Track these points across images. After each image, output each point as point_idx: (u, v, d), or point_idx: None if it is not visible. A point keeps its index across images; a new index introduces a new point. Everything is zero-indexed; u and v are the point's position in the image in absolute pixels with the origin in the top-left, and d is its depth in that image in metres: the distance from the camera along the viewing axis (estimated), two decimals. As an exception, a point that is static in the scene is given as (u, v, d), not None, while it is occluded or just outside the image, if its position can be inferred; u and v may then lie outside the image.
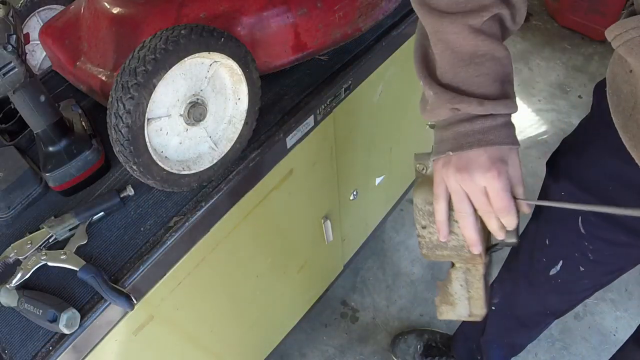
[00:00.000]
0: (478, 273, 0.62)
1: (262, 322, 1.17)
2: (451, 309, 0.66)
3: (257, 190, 0.80)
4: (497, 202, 0.53)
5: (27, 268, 0.64)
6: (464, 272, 0.63)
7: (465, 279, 0.63)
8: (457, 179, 0.53)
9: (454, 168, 0.53)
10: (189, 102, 0.63)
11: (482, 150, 0.52)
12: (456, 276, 0.63)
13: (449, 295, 0.65)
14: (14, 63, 0.58)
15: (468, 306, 0.65)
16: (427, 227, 0.59)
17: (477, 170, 0.52)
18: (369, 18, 0.84)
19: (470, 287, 0.63)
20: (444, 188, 0.56)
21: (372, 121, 1.07)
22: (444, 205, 0.56)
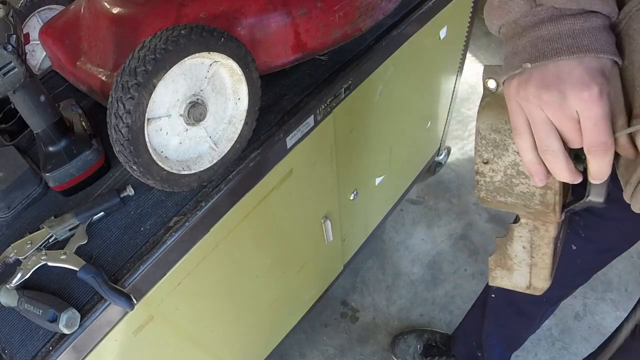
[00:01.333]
0: (548, 235, 0.50)
1: (262, 322, 1.17)
2: (507, 274, 0.54)
3: (257, 190, 0.80)
4: (592, 134, 0.39)
5: (27, 268, 0.64)
6: (530, 230, 0.50)
7: (531, 239, 0.50)
8: (541, 102, 0.40)
9: (535, 86, 0.40)
10: (189, 102, 0.63)
11: (576, 60, 0.38)
12: (519, 234, 0.51)
13: (507, 258, 0.52)
14: (14, 63, 0.58)
15: (528, 275, 0.53)
16: (490, 163, 0.46)
17: (570, 88, 0.38)
18: (369, 18, 0.84)
19: (536, 252, 0.51)
20: (523, 118, 0.42)
21: (372, 121, 1.07)
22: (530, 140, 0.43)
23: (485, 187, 0.48)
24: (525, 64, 0.40)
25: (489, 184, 0.48)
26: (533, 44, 0.40)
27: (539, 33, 0.40)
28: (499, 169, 0.47)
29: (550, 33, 0.39)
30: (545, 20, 0.39)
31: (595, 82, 0.38)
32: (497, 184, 0.47)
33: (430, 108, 1.39)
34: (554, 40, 0.39)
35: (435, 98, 1.37)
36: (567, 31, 0.39)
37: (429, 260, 1.61)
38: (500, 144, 0.46)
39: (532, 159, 0.43)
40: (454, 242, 1.64)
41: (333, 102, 0.85)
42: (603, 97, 0.38)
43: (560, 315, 1.46)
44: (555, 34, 0.39)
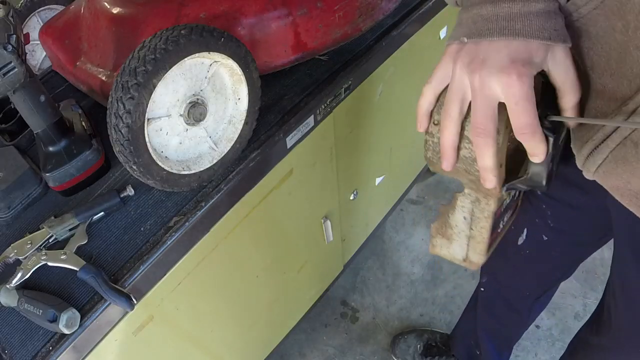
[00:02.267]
0: (488, 208, 0.50)
1: (262, 322, 1.17)
2: (446, 244, 0.54)
3: (257, 190, 0.80)
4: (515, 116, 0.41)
5: (27, 268, 0.64)
6: (472, 202, 0.50)
7: (472, 211, 0.51)
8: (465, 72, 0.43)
9: (464, 58, 0.43)
10: (189, 102, 0.63)
11: (504, 43, 0.41)
12: (462, 204, 0.51)
13: (448, 227, 0.53)
14: (14, 63, 0.58)
15: (466, 247, 0.53)
16: (439, 124, 0.47)
17: (490, 68, 0.41)
18: (369, 18, 0.84)
19: (475, 224, 0.51)
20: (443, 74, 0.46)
21: (372, 121, 1.07)
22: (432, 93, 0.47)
23: (432, 147, 0.49)
24: (462, 38, 0.43)
25: (436, 144, 0.48)
26: (474, 20, 0.43)
27: (480, 11, 0.42)
28: None
29: (489, 13, 0.41)
30: (488, 1, 0.42)
31: (515, 66, 0.40)
32: None
33: (430, 108, 1.38)
34: (490, 20, 0.41)
35: (435, 98, 1.37)
36: (505, 14, 0.41)
37: (429, 260, 1.61)
38: None
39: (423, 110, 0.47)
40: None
41: (333, 102, 0.85)
42: (522, 80, 0.40)
43: (560, 315, 1.46)
44: (493, 15, 0.41)
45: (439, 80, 0.46)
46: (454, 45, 0.45)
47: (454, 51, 0.44)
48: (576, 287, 1.50)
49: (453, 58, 0.44)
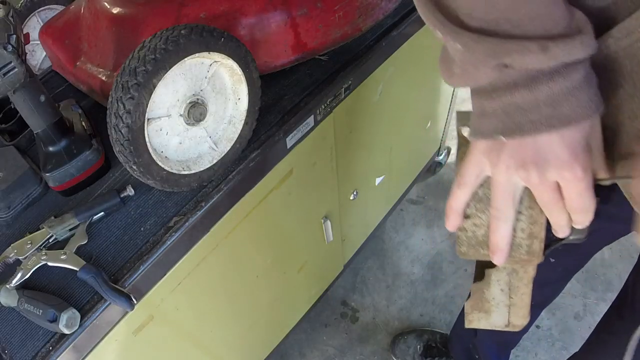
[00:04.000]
0: (527, 276, 0.49)
1: (262, 322, 1.17)
2: (485, 317, 0.53)
3: (257, 190, 0.80)
4: (575, 202, 0.38)
5: (27, 268, 0.64)
6: (508, 273, 0.49)
7: (509, 282, 0.50)
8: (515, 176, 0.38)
9: (510, 158, 0.37)
10: (189, 102, 0.63)
11: (557, 136, 0.34)
12: (497, 278, 0.50)
13: (485, 302, 0.51)
14: (14, 63, 0.58)
15: (507, 314, 0.52)
16: (471, 217, 0.45)
17: (551, 168, 0.36)
18: (369, 18, 0.84)
19: (514, 293, 0.51)
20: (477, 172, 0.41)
21: (372, 121, 1.07)
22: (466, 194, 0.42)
23: (467, 241, 0.46)
24: (497, 136, 0.36)
25: (471, 238, 0.46)
26: (506, 112, 0.35)
27: (513, 99, 0.34)
28: (482, 223, 0.45)
29: (526, 100, 0.34)
30: (520, 84, 0.34)
31: (578, 160, 0.35)
32: (480, 238, 0.46)
33: (430, 108, 1.39)
34: (530, 111, 0.34)
35: (435, 98, 1.37)
36: (546, 98, 0.33)
37: (429, 260, 1.61)
38: (484, 198, 0.44)
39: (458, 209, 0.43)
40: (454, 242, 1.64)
41: (333, 102, 0.85)
42: (587, 173, 0.36)
43: (560, 316, 1.46)
44: (531, 102, 0.34)
45: (474, 179, 0.41)
46: (484, 142, 0.38)
47: (487, 149, 0.38)
48: (576, 287, 1.50)
49: (489, 157, 0.38)
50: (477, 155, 0.40)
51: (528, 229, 0.44)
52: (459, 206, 0.43)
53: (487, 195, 0.44)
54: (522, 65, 0.32)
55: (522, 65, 0.32)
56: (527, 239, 0.44)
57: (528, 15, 0.32)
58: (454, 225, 0.44)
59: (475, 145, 0.40)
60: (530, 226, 0.44)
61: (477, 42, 0.33)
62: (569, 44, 0.32)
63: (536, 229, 0.44)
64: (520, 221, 0.43)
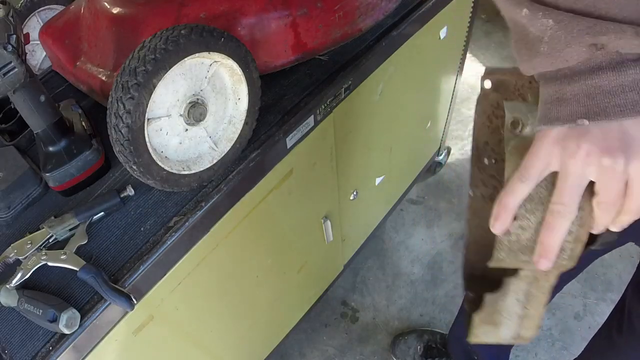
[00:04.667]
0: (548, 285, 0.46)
1: (262, 322, 1.17)
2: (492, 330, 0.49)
3: (257, 190, 0.80)
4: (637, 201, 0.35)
5: (27, 268, 0.64)
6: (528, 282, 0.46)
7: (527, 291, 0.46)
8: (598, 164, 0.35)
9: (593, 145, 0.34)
10: (189, 102, 0.63)
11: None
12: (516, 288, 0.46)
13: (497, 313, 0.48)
14: (14, 63, 0.58)
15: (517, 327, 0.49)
16: (519, 219, 0.40)
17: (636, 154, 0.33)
18: (369, 18, 0.84)
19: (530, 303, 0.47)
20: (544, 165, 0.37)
21: (372, 121, 1.07)
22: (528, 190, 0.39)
23: (508, 246, 0.42)
24: (581, 120, 0.33)
25: (514, 243, 0.41)
26: (589, 95, 0.33)
27: (598, 82, 0.33)
28: (529, 225, 0.41)
29: (612, 84, 0.32)
30: (605, 67, 0.33)
31: None
32: (523, 243, 0.41)
33: (430, 108, 1.39)
34: (616, 94, 0.32)
35: (435, 98, 1.37)
36: (631, 83, 0.32)
37: (429, 260, 1.61)
38: (535, 197, 0.40)
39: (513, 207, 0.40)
40: (454, 242, 1.64)
41: (333, 102, 0.85)
42: None
43: (560, 315, 1.46)
44: (617, 86, 0.32)
45: (539, 173, 0.38)
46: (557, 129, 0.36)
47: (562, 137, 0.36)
48: (576, 287, 1.50)
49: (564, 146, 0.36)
50: (548, 145, 0.37)
51: (576, 231, 0.40)
52: (516, 203, 0.40)
53: (538, 194, 0.40)
54: (616, 46, 0.32)
55: (616, 46, 0.32)
56: (572, 243, 0.41)
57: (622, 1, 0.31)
58: (503, 227, 0.40)
59: (546, 135, 0.37)
60: (578, 228, 0.40)
61: (574, 18, 0.32)
62: None
63: (583, 232, 0.40)
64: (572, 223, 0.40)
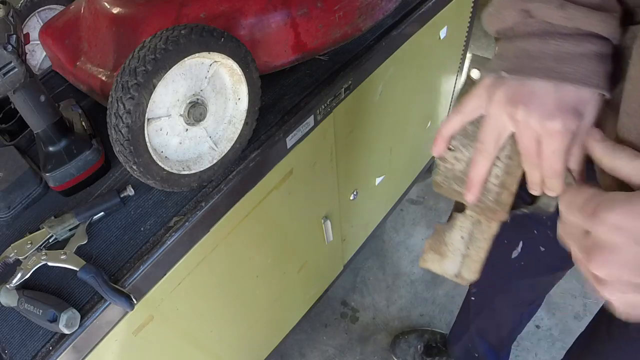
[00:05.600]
0: (489, 231, 0.50)
1: (262, 322, 1.17)
2: (438, 260, 0.54)
3: (257, 190, 0.80)
4: (548, 162, 0.40)
5: (27, 268, 0.64)
6: (472, 223, 0.50)
7: (471, 231, 0.51)
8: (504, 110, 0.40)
9: (505, 94, 0.40)
10: (189, 102, 0.63)
11: (552, 86, 0.37)
12: (461, 224, 0.51)
13: (443, 244, 0.53)
14: (14, 63, 0.58)
15: (459, 264, 0.54)
16: (455, 150, 0.47)
17: (536, 112, 0.38)
18: (369, 18, 0.84)
19: (472, 244, 0.52)
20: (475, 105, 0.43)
21: (372, 121, 1.07)
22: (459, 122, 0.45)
23: (444, 173, 0.49)
24: (502, 73, 0.39)
25: (449, 170, 0.48)
26: (517, 55, 0.39)
27: (526, 45, 0.38)
28: (462, 158, 0.47)
29: (536, 49, 0.38)
30: (535, 34, 0.38)
31: (562, 116, 0.37)
32: (457, 173, 0.47)
33: (430, 108, 1.39)
34: (536, 58, 0.37)
35: (435, 98, 1.37)
36: (553, 52, 0.37)
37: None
38: (471, 134, 0.45)
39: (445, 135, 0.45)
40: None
41: (333, 102, 0.85)
42: (566, 133, 0.38)
43: (560, 315, 1.46)
44: (539, 52, 0.37)
45: (470, 110, 0.44)
46: (490, 78, 0.41)
47: (490, 84, 0.41)
48: (576, 287, 1.50)
49: (489, 92, 0.41)
50: (480, 89, 0.42)
51: (502, 176, 0.45)
52: (448, 132, 0.46)
53: (475, 133, 0.45)
54: (541, 15, 0.36)
55: (541, 15, 0.36)
56: (498, 187, 0.46)
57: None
58: (439, 151, 0.47)
59: (483, 81, 0.43)
60: (504, 175, 0.45)
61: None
62: (588, 13, 0.35)
63: (509, 180, 0.45)
64: (496, 167, 0.45)
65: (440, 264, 0.54)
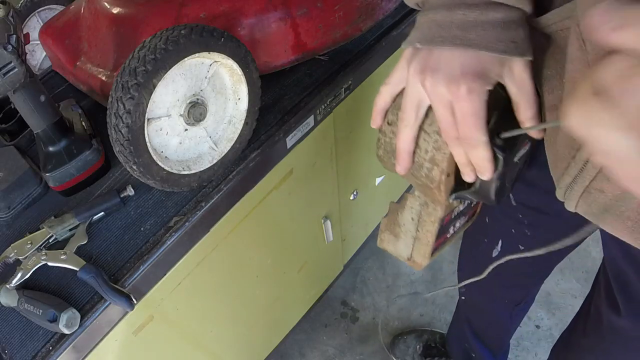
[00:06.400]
0: (435, 214, 0.50)
1: (262, 322, 1.17)
2: (393, 240, 0.55)
3: (257, 190, 0.80)
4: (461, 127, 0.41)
5: (27, 268, 0.64)
6: (420, 204, 0.51)
7: (420, 213, 0.51)
8: (417, 79, 0.42)
9: (417, 65, 0.42)
10: (189, 102, 0.63)
11: (457, 53, 0.39)
12: (411, 205, 0.51)
13: (396, 225, 0.53)
14: (14, 63, 0.58)
15: (411, 247, 0.54)
16: (392, 125, 0.47)
17: (441, 78, 0.40)
18: (369, 18, 0.84)
19: (421, 226, 0.52)
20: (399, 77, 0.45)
21: (372, 121, 1.07)
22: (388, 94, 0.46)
23: (383, 146, 0.49)
24: (415, 44, 0.41)
25: (388, 144, 0.49)
26: (428, 26, 0.41)
27: (434, 16, 0.40)
28: None
29: (444, 19, 0.39)
30: (444, 5, 0.39)
31: (465, 79, 0.38)
32: (394, 147, 0.48)
33: (430, 108, 1.39)
34: (444, 28, 0.39)
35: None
36: (459, 21, 0.38)
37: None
38: None
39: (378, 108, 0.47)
40: (454, 241, 1.64)
41: (333, 102, 0.85)
42: (471, 97, 0.39)
43: (560, 315, 1.46)
44: (447, 21, 0.39)
45: (396, 82, 0.45)
46: (409, 49, 0.44)
47: (409, 55, 0.43)
48: (576, 287, 1.50)
49: (408, 62, 0.43)
50: (402, 61, 0.44)
51: (431, 152, 0.45)
52: (381, 105, 0.47)
53: None
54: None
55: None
56: (428, 162, 0.46)
57: None
58: (376, 123, 0.48)
59: (403, 53, 0.45)
60: (433, 150, 0.45)
61: None
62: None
63: (439, 156, 0.45)
64: (425, 141, 0.45)
65: (395, 246, 0.55)
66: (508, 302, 0.96)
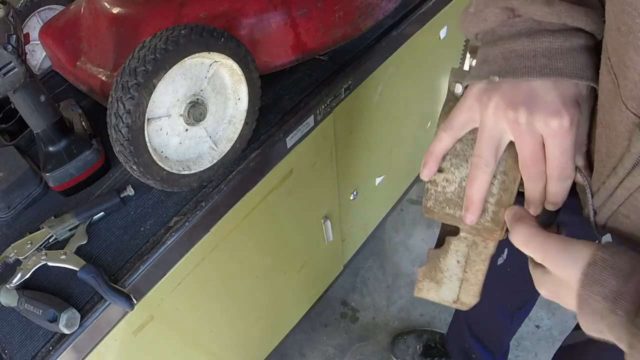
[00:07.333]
0: (486, 252, 0.48)
1: (262, 322, 1.17)
2: (435, 287, 0.51)
3: (257, 190, 0.80)
4: (557, 163, 0.37)
5: (27, 268, 0.64)
6: (467, 245, 0.48)
7: (467, 255, 0.48)
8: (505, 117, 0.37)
9: (502, 99, 0.37)
10: (189, 102, 0.63)
11: (550, 83, 0.36)
12: (456, 248, 0.48)
13: (438, 271, 0.50)
14: (14, 63, 0.58)
15: (457, 290, 0.51)
16: (444, 172, 0.44)
17: (539, 111, 0.36)
18: (369, 18, 0.84)
19: (470, 267, 0.49)
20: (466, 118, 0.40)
21: (372, 121, 1.07)
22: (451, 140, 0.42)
23: (434, 196, 0.46)
24: (492, 77, 0.37)
25: (440, 194, 0.45)
26: (505, 57, 0.37)
27: (514, 46, 0.37)
28: (454, 179, 0.44)
29: (526, 49, 0.36)
30: (522, 34, 0.36)
31: (568, 111, 0.36)
32: (448, 195, 0.45)
33: (431, 108, 1.39)
34: (528, 58, 0.36)
35: (435, 98, 1.37)
36: (544, 49, 0.36)
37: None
38: (461, 153, 0.43)
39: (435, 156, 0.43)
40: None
41: (333, 102, 0.85)
42: (572, 128, 0.36)
43: (560, 315, 1.46)
44: (530, 51, 0.36)
45: (462, 125, 0.41)
46: (479, 85, 0.39)
47: (480, 93, 0.39)
48: (576, 287, 1.50)
49: (480, 100, 0.39)
50: (470, 99, 0.40)
51: (498, 194, 0.42)
52: (440, 151, 0.43)
53: (464, 151, 0.43)
54: (527, 13, 0.35)
55: (527, 13, 0.35)
56: (494, 205, 0.43)
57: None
58: (429, 173, 0.44)
59: (469, 91, 0.40)
60: (501, 192, 0.42)
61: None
62: (574, 8, 0.35)
63: (506, 197, 0.43)
64: (492, 185, 0.42)
65: (437, 292, 0.51)
66: (510, 307, 0.96)
